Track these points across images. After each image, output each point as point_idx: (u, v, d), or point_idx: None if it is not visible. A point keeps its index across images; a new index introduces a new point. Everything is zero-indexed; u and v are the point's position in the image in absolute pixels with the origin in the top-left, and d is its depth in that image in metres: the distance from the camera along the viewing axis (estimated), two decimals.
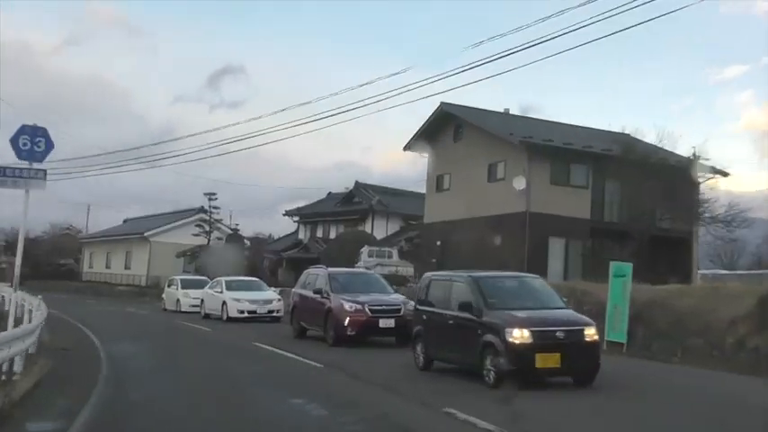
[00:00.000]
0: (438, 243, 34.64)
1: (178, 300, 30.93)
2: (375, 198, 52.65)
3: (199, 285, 30.46)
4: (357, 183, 56.62)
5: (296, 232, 61.41)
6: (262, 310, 24.53)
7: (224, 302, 24.88)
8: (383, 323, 16.24)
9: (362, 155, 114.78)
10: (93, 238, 63.93)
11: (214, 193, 48.76)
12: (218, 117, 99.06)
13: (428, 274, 13.90)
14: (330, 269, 18.94)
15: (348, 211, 55.26)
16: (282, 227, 63.85)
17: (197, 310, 28.43)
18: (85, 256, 65.05)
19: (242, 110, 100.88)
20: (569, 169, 31.02)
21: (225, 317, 24.72)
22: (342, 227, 55.38)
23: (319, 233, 57.81)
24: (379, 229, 52.48)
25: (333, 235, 56.03)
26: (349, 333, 16.15)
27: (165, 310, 32.14)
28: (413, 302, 15.81)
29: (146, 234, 51.83)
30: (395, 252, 32.23)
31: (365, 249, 31.92)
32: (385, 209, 52.34)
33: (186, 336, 20.54)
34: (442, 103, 34.60)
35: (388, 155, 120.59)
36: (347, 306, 16.39)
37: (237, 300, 24.72)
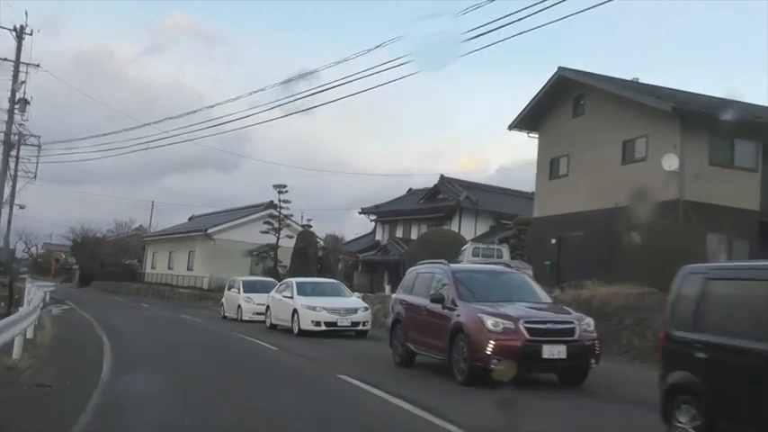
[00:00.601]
0: (553, 241, 28.25)
1: (239, 306, 25.46)
2: (463, 194, 46.52)
3: (265, 289, 25.01)
4: (442, 177, 50.62)
5: (372, 232, 55.92)
6: (344, 321, 18.68)
7: (295, 311, 19.18)
8: (549, 351, 10.05)
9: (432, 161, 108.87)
10: (156, 237, 59.64)
11: (284, 186, 43.41)
12: (292, 122, 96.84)
13: None
14: (453, 265, 12.77)
15: (432, 209, 49.42)
16: (354, 230, 58.41)
17: (262, 318, 22.95)
18: (148, 255, 60.92)
19: (315, 115, 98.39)
20: (733, 146, 24.18)
21: (296, 329, 19.03)
22: (424, 226, 49.63)
23: (399, 233, 52.15)
24: (467, 228, 46.59)
25: (414, 235, 50.31)
26: (493, 365, 10.00)
27: (225, 317, 26.78)
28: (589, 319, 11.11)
29: (209, 231, 46.93)
30: (505, 250, 25.81)
31: (468, 246, 25.65)
32: (474, 206, 46.24)
33: (241, 359, 14.73)
34: (560, 68, 28.23)
35: (464, 156, 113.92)
36: (489, 323, 10.30)
37: (312, 308, 18.96)
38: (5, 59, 32.19)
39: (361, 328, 18.77)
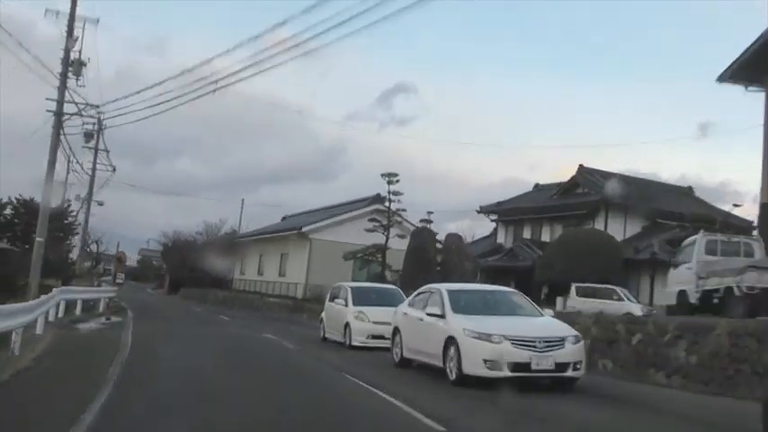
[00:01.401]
0: None
1: (347, 324, 17.38)
2: (610, 186, 37.56)
3: (384, 300, 17.18)
4: (582, 168, 41.78)
5: (492, 235, 47.57)
6: (543, 362, 10.25)
7: (451, 341, 10.89)
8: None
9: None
10: (244, 238, 52.99)
11: (394, 175, 35.55)
12: (387, 135, 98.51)
13: None
14: None
15: (569, 206, 40.71)
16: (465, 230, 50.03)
17: (382, 344, 15.06)
18: (237, 260, 54.42)
19: (411, 127, 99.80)
20: None
21: (454, 372, 10.75)
22: (559, 226, 41.09)
23: (525, 234, 43.71)
24: (614, 227, 38.01)
25: (546, 237, 41.75)
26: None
27: (325, 339, 18.94)
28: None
29: (304, 230, 39.62)
30: (758, 245, 16.57)
31: (700, 239, 16.49)
32: (624, 201, 37.50)
33: None
34: None
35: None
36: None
37: (486, 336, 10.43)
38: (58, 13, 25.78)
39: (570, 373, 10.42)
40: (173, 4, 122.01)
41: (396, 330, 13.43)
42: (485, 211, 46.84)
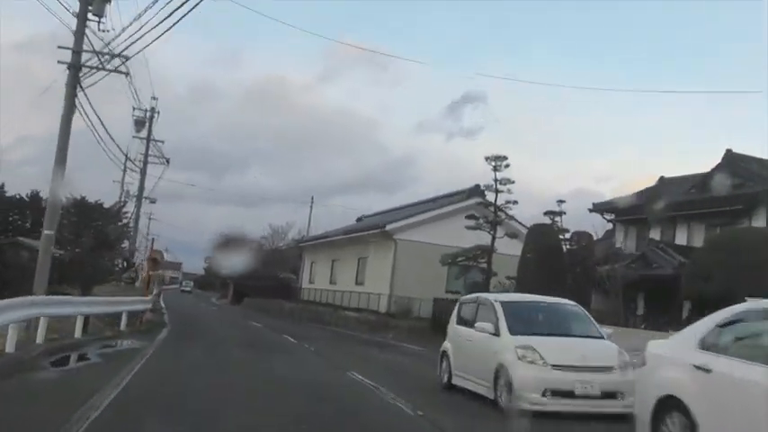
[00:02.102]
0: None
1: (501, 369, 9.34)
2: None
3: (565, 325, 9.86)
4: (730, 153, 33.63)
5: (608, 236, 39.58)
6: None
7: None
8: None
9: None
10: (314, 241, 46.13)
11: (503, 158, 28.06)
12: (456, 145, 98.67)
13: None
14: None
15: (716, 200, 32.55)
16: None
17: (578, 408, 7.74)
18: (305, 266, 47.69)
19: (479, 137, 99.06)
20: None
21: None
22: (700, 225, 33.19)
23: (653, 236, 35.77)
24: None
25: (681, 239, 33.87)
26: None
27: (452, 386, 11.46)
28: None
29: (388, 228, 32.38)
30: None
31: None
32: None
33: None
34: None
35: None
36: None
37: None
38: None
39: None
40: None
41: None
42: (599, 209, 38.92)
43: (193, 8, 13.58)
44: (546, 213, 26.33)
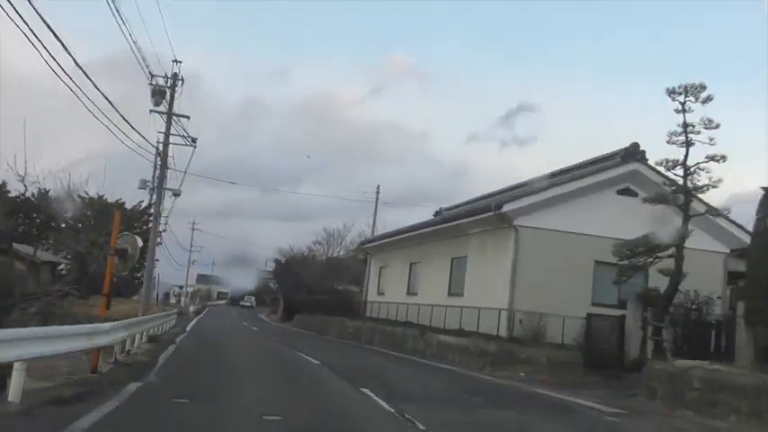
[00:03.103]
0: None
1: None
2: None
3: None
4: None
5: None
6: None
7: None
8: None
9: None
10: (385, 240, 35.50)
11: (701, 87, 17.34)
12: (508, 155, 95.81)
13: None
14: None
15: None
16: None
17: None
18: (371, 273, 37.23)
19: (533, 147, 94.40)
20: None
21: None
22: None
23: None
24: None
25: None
26: None
27: None
28: None
29: (506, 210, 21.55)
30: None
31: None
32: None
33: None
34: None
35: None
36: None
37: None
38: None
39: None
40: None
41: None
42: None
43: None
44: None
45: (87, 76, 16.97)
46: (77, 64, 15.62)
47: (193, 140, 34.60)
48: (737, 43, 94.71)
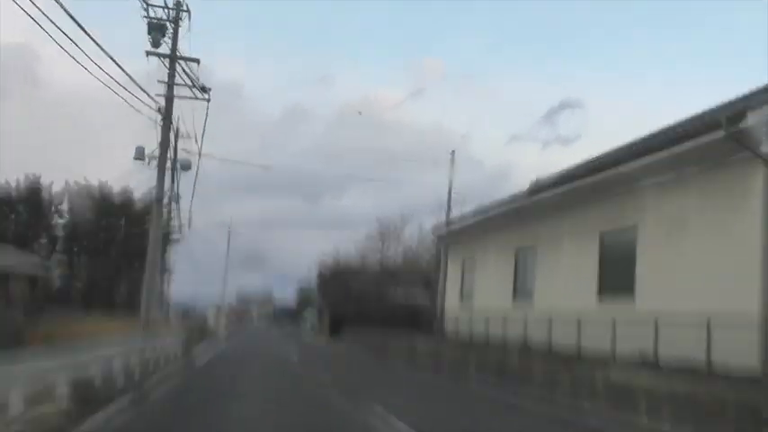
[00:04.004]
0: None
1: None
2: None
3: None
4: None
5: None
6: None
7: None
8: None
9: None
10: (474, 218, 24.20)
11: None
12: (551, 154, 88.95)
13: None
14: None
15: None
16: None
17: None
18: (449, 271, 26.63)
19: (577, 145, 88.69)
20: None
21: None
22: None
23: None
24: None
25: None
26: None
27: None
28: None
29: (751, 125, 11.03)
30: None
31: None
32: None
33: None
34: None
35: None
36: None
37: None
38: None
39: None
40: None
41: None
42: None
43: None
44: None
45: None
46: None
47: (204, 90, 24.58)
48: None
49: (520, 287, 20.24)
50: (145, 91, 20.97)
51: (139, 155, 24.03)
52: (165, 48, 23.37)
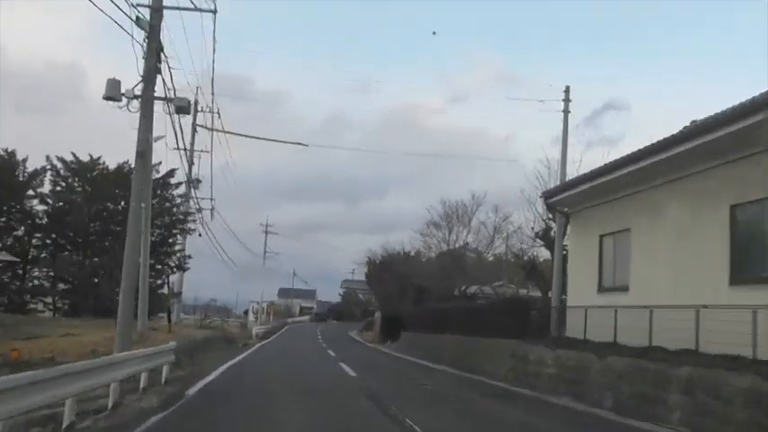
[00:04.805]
0: None
1: None
2: None
3: None
4: None
5: None
6: None
7: None
8: None
9: None
10: (613, 173, 16.33)
11: None
12: (595, 154, 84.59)
13: None
14: None
15: None
16: None
17: None
18: (573, 254, 18.88)
19: (619, 146, 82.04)
20: None
21: None
22: None
23: None
24: None
25: None
26: None
27: None
28: None
29: None
30: None
31: None
32: None
33: None
34: None
35: None
36: None
37: None
38: None
39: None
40: None
41: None
42: None
43: None
44: None
45: None
46: None
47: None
48: None
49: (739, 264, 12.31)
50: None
51: (112, 91, 16.77)
52: None
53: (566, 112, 19.76)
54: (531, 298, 22.04)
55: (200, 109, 37.09)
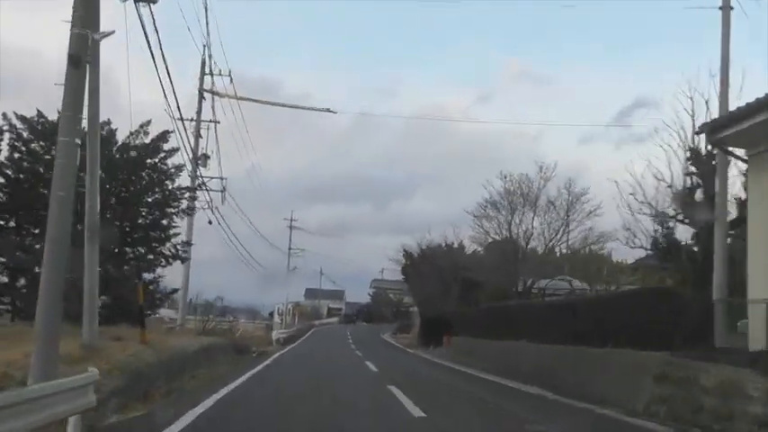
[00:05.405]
0: None
1: None
2: None
3: None
4: None
5: None
6: None
7: None
8: None
9: None
10: None
11: None
12: (624, 153, 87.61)
13: None
14: None
15: None
16: None
17: None
18: (759, 220, 12.30)
19: (649, 143, 63.02)
20: None
21: None
22: None
23: None
24: None
25: None
26: None
27: None
28: None
29: None
30: None
31: None
32: None
33: None
34: None
35: None
36: None
37: None
38: None
39: None
40: None
41: None
42: None
43: None
44: None
45: None
46: None
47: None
48: None
49: None
50: None
51: None
52: None
53: (726, 7, 13.27)
54: (666, 290, 15.45)
55: (206, 71, 31.29)
